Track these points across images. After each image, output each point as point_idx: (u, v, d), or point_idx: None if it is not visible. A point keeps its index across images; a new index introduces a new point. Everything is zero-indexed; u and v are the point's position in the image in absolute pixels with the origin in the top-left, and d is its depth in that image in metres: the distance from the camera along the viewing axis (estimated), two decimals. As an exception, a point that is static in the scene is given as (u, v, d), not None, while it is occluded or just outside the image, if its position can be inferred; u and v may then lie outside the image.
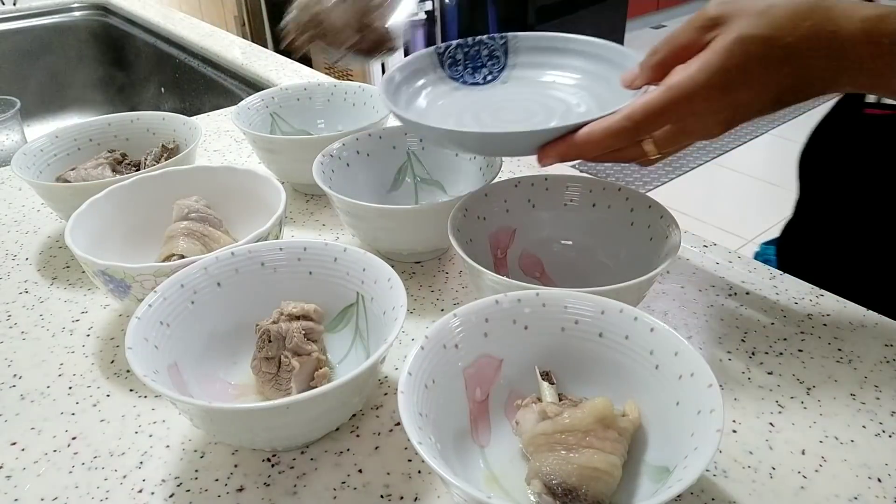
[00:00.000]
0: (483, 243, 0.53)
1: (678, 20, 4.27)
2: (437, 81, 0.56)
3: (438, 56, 0.56)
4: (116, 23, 1.33)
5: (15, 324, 0.53)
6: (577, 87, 0.54)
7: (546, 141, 0.43)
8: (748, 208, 2.35)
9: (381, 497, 0.38)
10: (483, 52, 0.57)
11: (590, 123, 0.42)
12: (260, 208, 0.56)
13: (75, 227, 0.51)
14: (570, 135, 0.42)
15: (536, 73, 0.56)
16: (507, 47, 0.56)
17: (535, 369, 0.41)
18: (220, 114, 0.92)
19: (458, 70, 0.57)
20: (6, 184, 0.76)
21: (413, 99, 0.55)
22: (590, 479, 0.34)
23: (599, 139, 0.41)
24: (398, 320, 0.40)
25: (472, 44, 0.56)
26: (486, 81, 0.56)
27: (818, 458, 0.40)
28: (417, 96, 0.55)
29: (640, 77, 0.45)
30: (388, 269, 0.44)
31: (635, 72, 0.45)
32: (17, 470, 0.41)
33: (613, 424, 0.35)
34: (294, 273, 0.47)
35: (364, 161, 0.63)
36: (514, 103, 0.54)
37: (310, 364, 0.43)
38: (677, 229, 0.48)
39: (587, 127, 0.42)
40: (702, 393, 0.34)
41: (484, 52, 0.57)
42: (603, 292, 0.41)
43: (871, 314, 0.50)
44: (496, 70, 0.57)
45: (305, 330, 0.43)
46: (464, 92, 0.56)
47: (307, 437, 0.41)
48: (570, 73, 0.55)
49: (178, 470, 0.40)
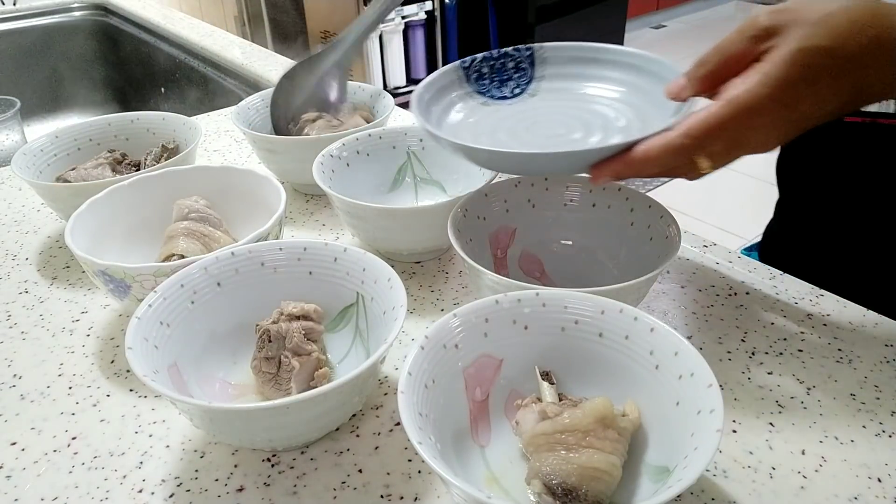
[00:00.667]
0: (483, 243, 0.53)
1: (678, 20, 4.27)
2: (465, 97, 0.55)
3: (464, 70, 0.55)
4: (116, 23, 1.33)
5: (15, 324, 0.53)
6: (615, 100, 0.52)
7: (600, 159, 0.41)
8: (748, 208, 2.35)
9: (381, 497, 0.38)
10: (509, 65, 0.55)
11: (646, 140, 0.40)
12: (260, 208, 0.56)
13: (75, 227, 0.51)
14: (625, 152, 0.40)
15: (567, 84, 0.54)
16: (533, 59, 0.55)
17: (536, 369, 0.41)
18: (220, 114, 0.92)
19: (485, 84, 0.55)
20: (6, 184, 0.76)
21: (444, 116, 0.53)
22: (590, 479, 0.34)
23: (657, 156, 0.39)
24: (398, 320, 0.40)
25: (497, 56, 0.55)
26: (513, 95, 0.55)
27: (818, 458, 0.40)
28: (448, 113, 0.54)
29: (688, 88, 0.43)
30: (388, 269, 0.44)
31: (681, 83, 0.43)
32: (17, 470, 0.41)
33: (613, 424, 0.35)
34: (294, 273, 0.47)
35: (364, 161, 0.63)
36: (548, 117, 0.52)
37: (310, 364, 0.43)
38: (677, 229, 0.48)
39: (644, 144, 0.40)
40: (702, 393, 0.34)
41: (510, 65, 0.55)
42: (603, 292, 0.41)
43: (871, 314, 0.50)
44: (523, 82, 0.55)
45: (305, 330, 0.43)
46: (493, 107, 0.54)
47: (307, 437, 0.41)
48: (606, 85, 0.53)
49: (178, 470, 0.40)
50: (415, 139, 0.64)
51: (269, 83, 0.99)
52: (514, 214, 0.55)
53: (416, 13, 2.96)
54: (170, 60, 1.21)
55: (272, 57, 1.09)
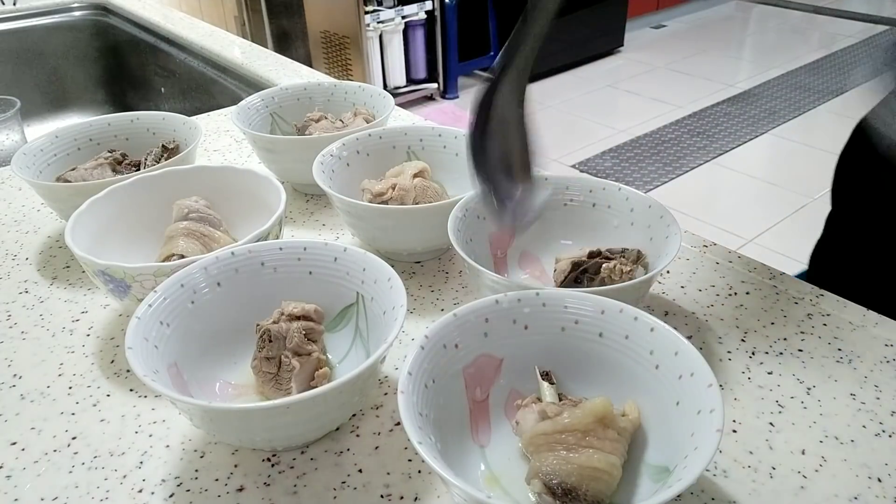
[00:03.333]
0: (483, 243, 0.53)
1: (678, 20, 4.27)
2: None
3: None
4: (116, 23, 1.33)
5: (15, 324, 0.53)
6: None
7: None
8: (748, 208, 2.35)
9: (381, 497, 0.38)
10: None
11: None
12: (260, 208, 0.56)
13: (75, 227, 0.51)
14: None
15: None
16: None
17: (536, 369, 0.41)
18: (220, 114, 0.92)
19: None
20: (6, 184, 0.76)
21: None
22: (589, 478, 0.34)
23: None
24: (398, 320, 0.40)
25: None
26: None
27: (818, 458, 0.40)
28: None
29: None
30: (389, 268, 0.44)
31: None
32: (17, 470, 0.41)
33: (613, 424, 0.35)
34: (294, 273, 0.47)
35: (364, 161, 0.63)
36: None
37: (310, 364, 0.43)
38: (677, 229, 0.48)
39: None
40: (702, 393, 0.34)
41: None
42: (603, 292, 0.41)
43: (871, 314, 0.50)
44: None
45: (306, 330, 0.43)
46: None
47: (307, 437, 0.41)
48: None
49: (178, 470, 0.40)
50: (415, 139, 0.64)
51: (269, 83, 0.99)
52: (514, 214, 0.55)
53: (416, 13, 2.96)
54: (170, 60, 1.21)
55: (272, 57, 1.09)
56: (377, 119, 0.69)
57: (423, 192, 0.58)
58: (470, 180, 0.41)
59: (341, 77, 2.92)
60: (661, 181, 2.50)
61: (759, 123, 2.91)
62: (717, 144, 2.75)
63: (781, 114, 2.98)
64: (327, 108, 0.76)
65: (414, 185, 0.58)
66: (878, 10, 4.36)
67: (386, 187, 0.57)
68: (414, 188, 0.58)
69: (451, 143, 0.63)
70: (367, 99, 0.74)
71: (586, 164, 2.64)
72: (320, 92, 0.76)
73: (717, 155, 2.67)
